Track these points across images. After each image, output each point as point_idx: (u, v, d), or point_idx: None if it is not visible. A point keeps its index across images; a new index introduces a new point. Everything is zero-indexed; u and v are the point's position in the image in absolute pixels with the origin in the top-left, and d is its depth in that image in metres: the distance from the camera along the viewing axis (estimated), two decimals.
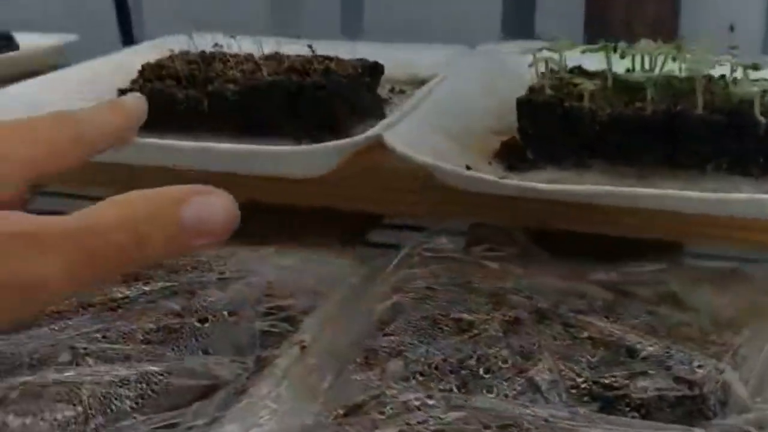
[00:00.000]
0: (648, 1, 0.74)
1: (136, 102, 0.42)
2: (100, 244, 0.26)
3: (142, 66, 0.56)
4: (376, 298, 0.40)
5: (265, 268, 0.43)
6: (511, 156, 0.47)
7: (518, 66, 0.64)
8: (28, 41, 0.69)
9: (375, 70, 0.57)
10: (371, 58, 0.57)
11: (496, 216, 0.45)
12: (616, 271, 0.44)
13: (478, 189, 0.41)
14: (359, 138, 0.43)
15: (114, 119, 0.38)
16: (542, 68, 0.54)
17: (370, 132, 0.44)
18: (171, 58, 0.58)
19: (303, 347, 0.36)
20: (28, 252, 0.25)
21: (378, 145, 0.44)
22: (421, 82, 0.65)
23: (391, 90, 0.63)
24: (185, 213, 0.27)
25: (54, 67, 0.68)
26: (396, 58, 0.63)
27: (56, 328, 0.34)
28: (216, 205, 0.28)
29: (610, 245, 0.47)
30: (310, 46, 0.54)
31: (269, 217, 0.49)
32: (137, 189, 0.32)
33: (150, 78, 0.54)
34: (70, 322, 0.35)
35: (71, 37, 0.69)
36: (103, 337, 0.34)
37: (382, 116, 0.56)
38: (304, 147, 0.43)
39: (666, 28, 0.77)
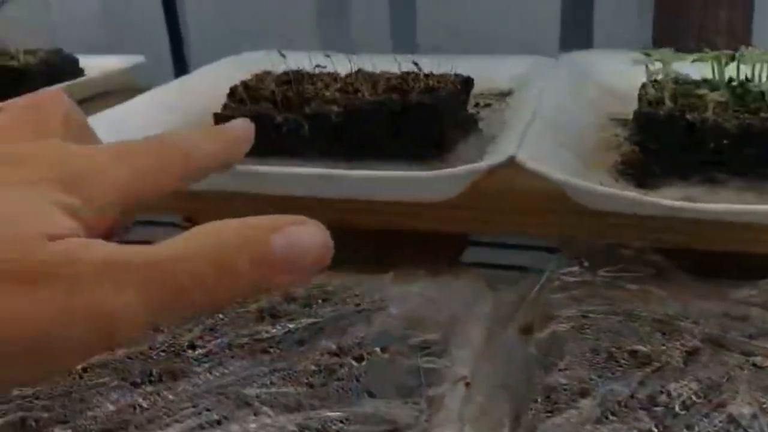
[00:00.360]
0: (721, 6, 0.73)
1: (244, 127, 0.40)
2: (179, 274, 0.24)
3: (231, 89, 0.54)
4: (526, 327, 0.38)
5: (394, 297, 0.41)
6: (636, 172, 0.45)
7: (604, 75, 0.62)
8: (92, 64, 0.67)
9: (467, 84, 0.56)
10: (444, 71, 0.55)
11: (630, 235, 0.43)
12: (758, 289, 0.42)
13: (634, 210, 0.39)
14: (495, 159, 0.41)
15: (220, 146, 0.37)
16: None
17: (502, 151, 0.42)
18: (259, 78, 0.56)
19: (467, 384, 0.34)
20: (106, 282, 0.23)
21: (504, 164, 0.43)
22: (502, 95, 0.63)
23: (476, 105, 0.61)
24: (276, 243, 0.25)
25: (122, 90, 0.67)
26: (472, 70, 0.61)
27: (216, 374, 0.32)
28: (310, 236, 0.26)
29: (722, 259, 0.45)
30: (415, 63, 0.52)
31: (353, 240, 0.47)
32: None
33: (243, 99, 0.52)
34: (230, 368, 0.33)
35: (137, 59, 0.67)
36: (270, 382, 0.32)
37: (479, 131, 0.54)
38: (442, 171, 0.41)
39: (738, 35, 0.75)
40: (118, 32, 0.95)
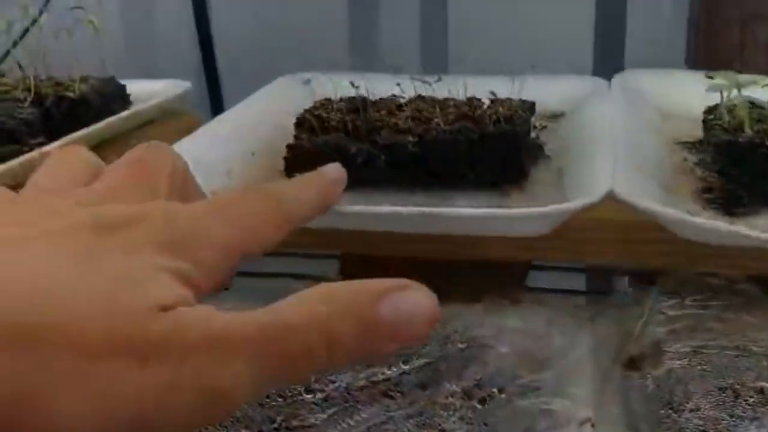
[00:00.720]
0: (761, 26, 0.73)
1: (337, 171, 0.41)
2: (289, 346, 0.24)
3: (298, 118, 0.53)
4: (630, 362, 0.38)
5: (493, 332, 0.41)
6: (723, 200, 0.45)
7: (658, 97, 0.62)
8: (136, 89, 0.66)
9: (532, 109, 0.55)
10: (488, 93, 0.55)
11: (718, 263, 0.43)
12: None
13: (736, 243, 0.39)
14: (594, 194, 0.40)
15: (316, 193, 0.37)
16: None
17: (596, 185, 0.41)
18: (322, 105, 0.55)
19: (592, 425, 0.34)
20: (214, 354, 0.23)
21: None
22: (555, 116, 0.63)
23: (533, 128, 0.61)
24: (382, 309, 0.25)
25: (165, 115, 0.66)
26: (518, 91, 0.60)
27: (351, 422, 0.32)
28: (416, 302, 0.25)
29: None
30: (493, 93, 0.52)
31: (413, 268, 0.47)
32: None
33: (313, 129, 0.51)
34: (363, 414, 0.32)
35: (185, 85, 0.66)
36: (408, 430, 0.31)
37: (547, 157, 0.54)
38: (546, 208, 0.41)
39: None
40: (141, 52, 0.94)
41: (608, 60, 0.87)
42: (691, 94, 0.61)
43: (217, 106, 0.82)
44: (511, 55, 0.85)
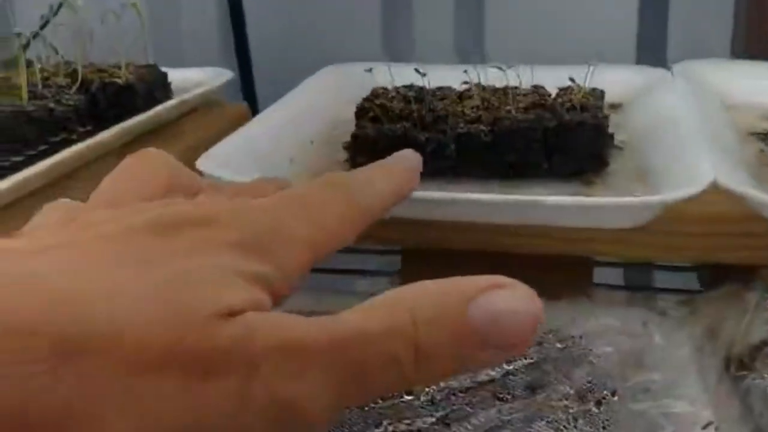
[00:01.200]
0: None
1: (414, 158, 0.38)
2: (370, 357, 0.21)
3: (358, 107, 0.51)
4: (745, 362, 0.36)
5: (589, 331, 0.39)
6: None
7: (720, 87, 0.60)
8: (174, 77, 0.63)
9: (602, 98, 0.53)
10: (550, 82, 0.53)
11: None
12: None
13: None
14: (697, 185, 0.38)
15: (395, 184, 0.35)
16: None
17: (701, 174, 0.39)
18: (382, 94, 0.53)
19: (716, 429, 0.32)
20: (286, 366, 0.20)
21: None
22: (613, 107, 0.61)
23: None
24: (473, 311, 0.21)
25: (209, 105, 0.63)
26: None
27: (469, 426, 0.29)
28: (514, 302, 0.22)
29: None
30: (572, 80, 0.49)
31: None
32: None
33: (377, 118, 0.49)
34: (480, 418, 0.30)
35: (228, 74, 0.64)
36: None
37: (617, 148, 0.52)
38: (647, 198, 0.39)
39: None
40: (162, 40, 0.91)
41: (651, 51, 0.85)
42: (754, 84, 0.59)
43: (250, 98, 0.80)
44: (549, 45, 0.83)
